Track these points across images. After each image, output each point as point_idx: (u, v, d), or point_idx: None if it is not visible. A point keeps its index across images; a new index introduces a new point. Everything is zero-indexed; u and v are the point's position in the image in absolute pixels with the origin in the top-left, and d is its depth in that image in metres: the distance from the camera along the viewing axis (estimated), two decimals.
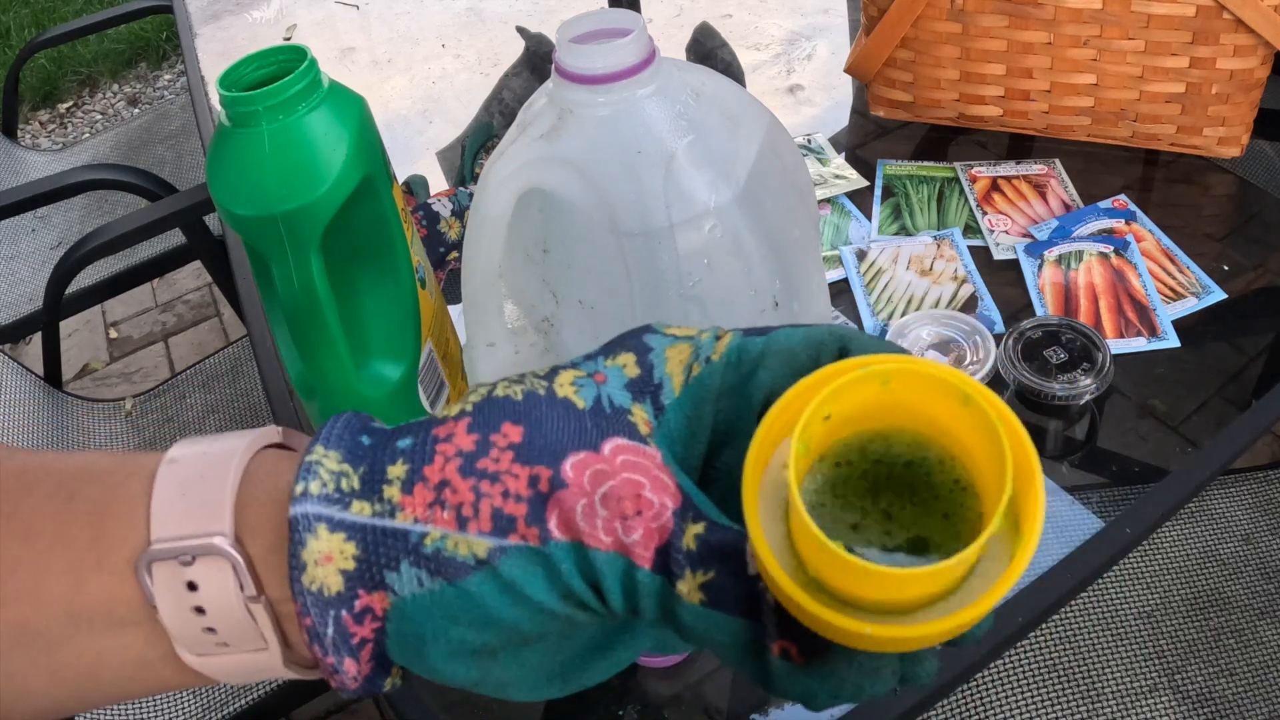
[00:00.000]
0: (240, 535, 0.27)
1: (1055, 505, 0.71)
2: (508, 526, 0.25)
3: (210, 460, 0.27)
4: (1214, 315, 0.82)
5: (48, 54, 2.98)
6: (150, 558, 0.26)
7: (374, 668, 0.27)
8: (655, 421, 0.26)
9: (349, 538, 0.26)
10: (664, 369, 0.27)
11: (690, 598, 0.25)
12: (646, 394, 0.27)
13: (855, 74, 1.04)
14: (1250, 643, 0.98)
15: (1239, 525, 1.08)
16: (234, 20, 1.42)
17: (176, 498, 0.27)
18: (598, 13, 0.53)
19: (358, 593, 0.26)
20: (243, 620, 0.27)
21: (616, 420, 0.26)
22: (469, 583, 0.25)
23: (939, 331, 0.78)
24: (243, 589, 0.26)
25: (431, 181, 1.00)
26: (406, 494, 0.26)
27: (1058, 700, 0.93)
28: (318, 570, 0.26)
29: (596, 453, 0.25)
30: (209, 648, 0.27)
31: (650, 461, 0.25)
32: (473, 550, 0.25)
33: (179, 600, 0.26)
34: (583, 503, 0.25)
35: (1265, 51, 0.87)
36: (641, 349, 0.27)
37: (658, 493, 0.25)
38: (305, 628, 0.26)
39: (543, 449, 0.25)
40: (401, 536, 0.25)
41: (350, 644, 0.26)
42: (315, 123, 0.56)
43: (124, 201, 1.73)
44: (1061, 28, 0.90)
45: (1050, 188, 0.96)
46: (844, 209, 0.96)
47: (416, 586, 0.25)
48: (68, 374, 2.07)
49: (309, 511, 0.26)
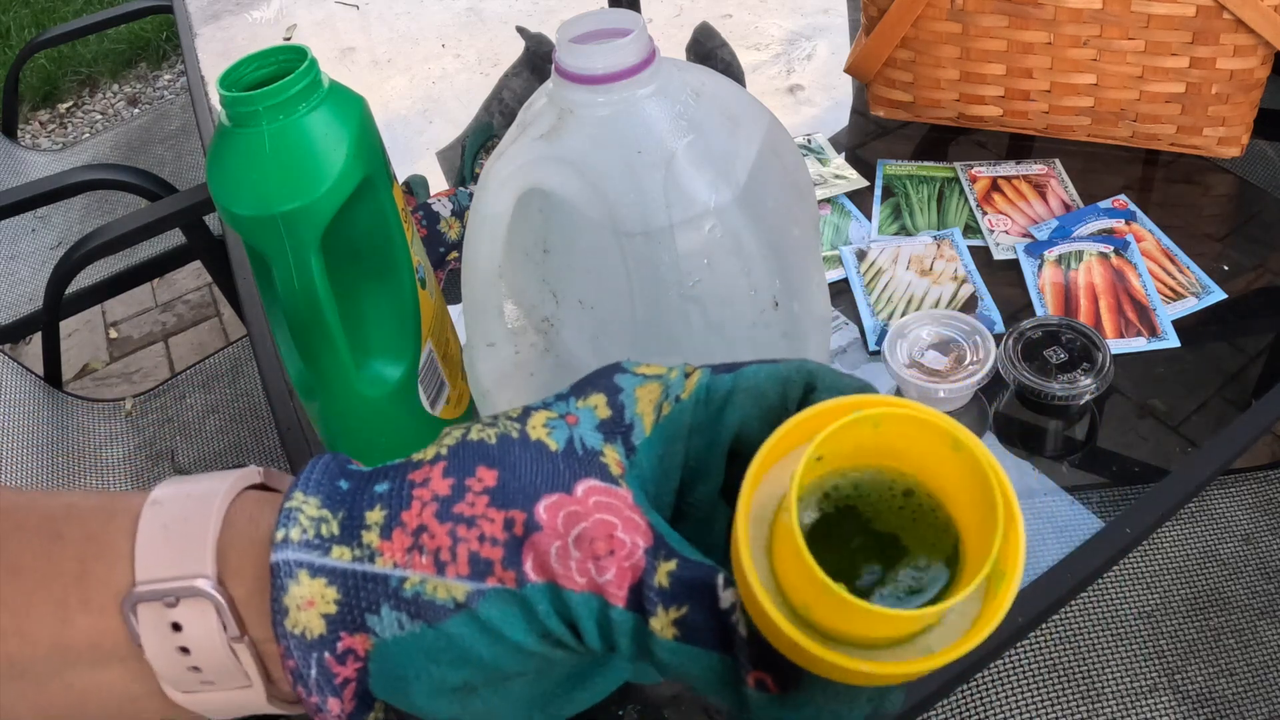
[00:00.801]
0: (223, 577, 0.27)
1: (1055, 505, 0.71)
2: (485, 570, 0.25)
3: (193, 502, 0.28)
4: (1214, 315, 0.82)
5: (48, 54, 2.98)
6: (135, 599, 0.27)
7: (357, 705, 0.28)
8: (627, 462, 0.27)
9: (330, 582, 0.26)
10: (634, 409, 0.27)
11: (664, 634, 0.25)
12: (618, 434, 0.27)
13: (855, 74, 1.04)
14: (1250, 643, 0.98)
15: (1239, 525, 1.08)
16: (234, 20, 1.42)
17: (159, 539, 0.27)
18: (598, 13, 0.53)
19: (340, 635, 0.26)
20: (226, 660, 0.27)
21: (589, 462, 0.26)
22: (449, 625, 0.26)
23: (939, 331, 0.78)
24: (226, 630, 0.27)
25: (431, 181, 1.00)
26: (385, 539, 0.26)
27: (1058, 700, 0.93)
28: (300, 615, 0.26)
29: (569, 494, 0.26)
30: (194, 685, 0.28)
31: (622, 502, 0.26)
32: (451, 594, 0.26)
33: (164, 640, 0.27)
34: (557, 545, 0.25)
35: (1265, 51, 0.87)
36: (612, 389, 0.28)
37: (629, 532, 0.25)
38: (289, 669, 0.27)
39: (517, 492, 0.26)
40: (381, 581, 0.26)
41: (333, 684, 0.27)
42: (315, 123, 0.56)
43: (124, 201, 1.73)
44: (1061, 28, 0.91)
45: (1050, 188, 0.96)
46: (844, 209, 0.96)
47: (397, 629, 0.26)
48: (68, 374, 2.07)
49: (290, 558, 0.26)
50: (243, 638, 0.27)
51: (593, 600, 0.25)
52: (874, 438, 0.27)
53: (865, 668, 0.24)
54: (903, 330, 0.78)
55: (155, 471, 1.34)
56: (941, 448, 0.26)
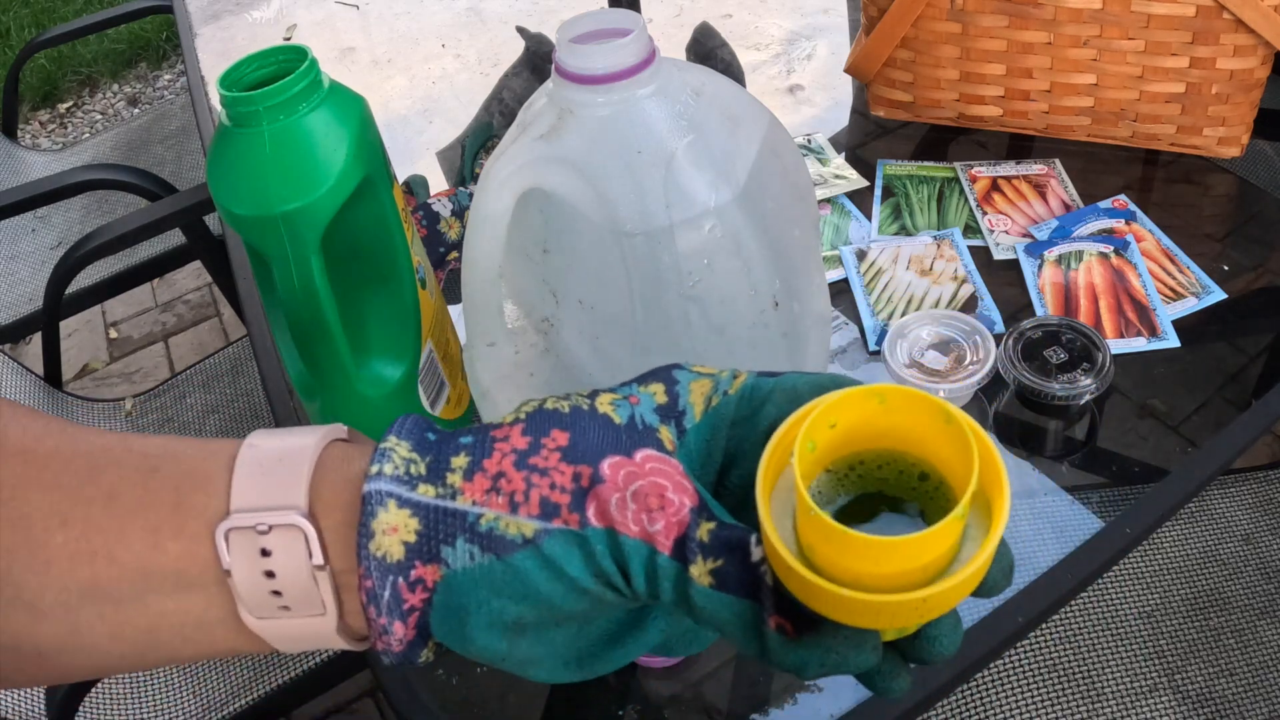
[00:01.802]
0: (313, 510, 0.30)
1: (1055, 505, 0.71)
2: (553, 512, 0.29)
3: (288, 447, 0.31)
4: (1214, 315, 0.82)
5: (48, 54, 2.98)
6: (230, 525, 0.30)
7: (416, 636, 0.30)
8: (678, 441, 0.31)
9: (414, 514, 0.30)
10: (688, 398, 0.31)
11: (701, 580, 0.29)
12: (672, 418, 0.31)
13: (855, 74, 1.04)
14: (1250, 643, 0.98)
15: (1239, 525, 1.08)
16: (234, 20, 1.42)
17: (256, 474, 0.30)
18: (598, 13, 0.53)
19: (415, 563, 0.29)
20: (307, 586, 0.30)
21: (647, 435, 0.30)
22: (516, 558, 0.29)
23: (939, 331, 0.78)
24: (311, 557, 0.30)
25: (431, 181, 1.00)
26: (467, 481, 0.30)
27: (1058, 700, 0.93)
28: (384, 539, 0.29)
29: (629, 458, 0.30)
30: (272, 611, 0.30)
31: (674, 470, 0.30)
32: (521, 530, 0.29)
33: (252, 565, 0.30)
34: (616, 496, 0.29)
35: (1265, 51, 0.87)
36: (670, 380, 0.32)
37: (678, 494, 0.29)
38: (365, 589, 0.29)
39: (585, 451, 0.30)
40: (460, 516, 0.29)
41: (401, 609, 0.30)
42: (316, 123, 0.56)
43: (124, 201, 1.73)
44: (1061, 28, 0.91)
45: (1050, 188, 0.96)
46: (844, 209, 0.96)
47: (468, 561, 0.29)
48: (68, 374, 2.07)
49: (382, 489, 0.30)
50: (325, 566, 0.30)
51: (643, 547, 0.29)
52: (883, 416, 0.30)
53: (864, 596, 0.27)
54: (903, 330, 0.78)
55: None
56: (936, 422, 0.29)
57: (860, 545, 0.27)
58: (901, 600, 0.27)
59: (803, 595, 0.28)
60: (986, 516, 0.29)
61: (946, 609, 0.29)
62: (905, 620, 0.29)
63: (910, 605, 0.27)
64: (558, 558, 0.29)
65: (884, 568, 0.27)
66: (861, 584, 0.27)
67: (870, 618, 0.28)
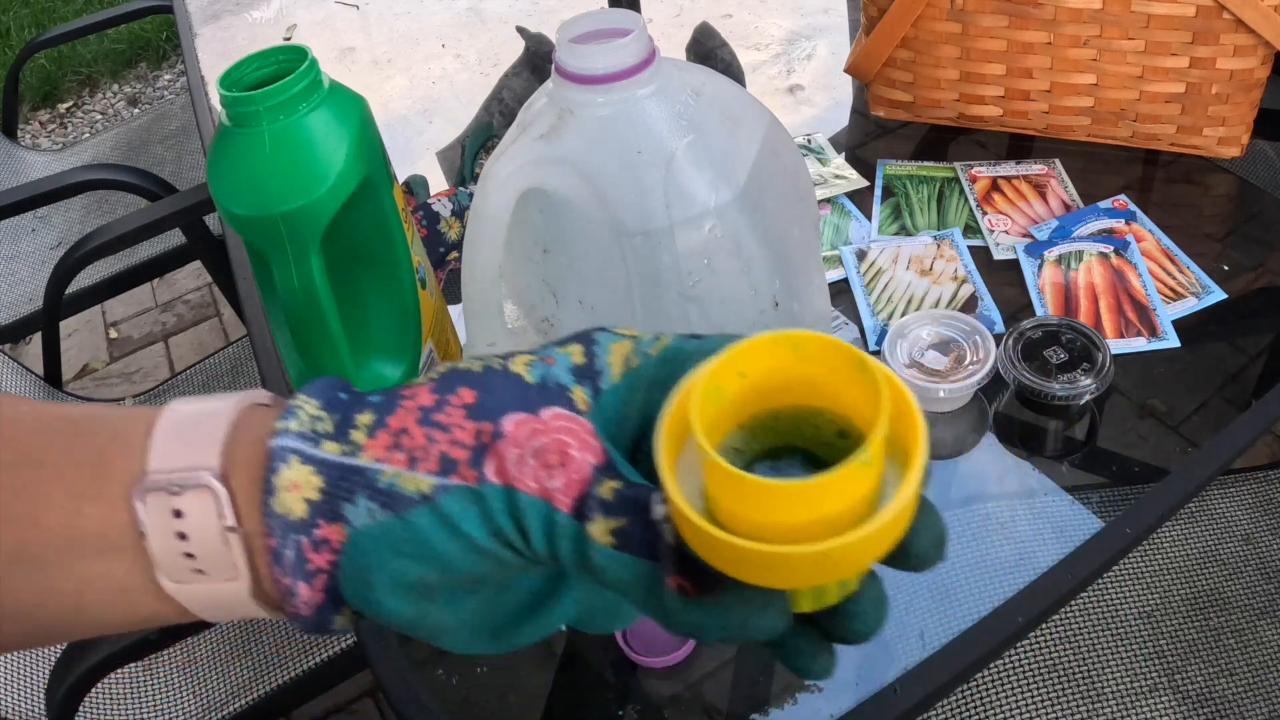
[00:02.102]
0: (226, 471, 0.30)
1: (1055, 505, 0.71)
2: (451, 468, 0.29)
3: (206, 410, 0.31)
4: (1214, 315, 0.82)
5: (48, 54, 2.98)
6: (144, 487, 0.30)
7: (325, 600, 0.30)
8: (593, 402, 0.30)
9: (316, 471, 0.29)
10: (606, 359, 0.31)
11: (601, 539, 0.28)
12: (587, 379, 0.30)
13: (855, 74, 1.04)
14: (1250, 643, 0.98)
15: (1239, 525, 1.08)
16: (234, 20, 1.42)
17: (173, 436, 0.30)
18: (598, 13, 0.53)
19: (318, 522, 0.29)
20: (219, 549, 0.30)
21: (558, 394, 0.30)
22: (413, 515, 0.28)
23: (939, 331, 0.78)
24: (222, 519, 0.29)
25: (431, 181, 1.00)
26: (370, 438, 0.30)
27: (1058, 700, 0.93)
28: (286, 496, 0.29)
29: (535, 415, 0.29)
30: (187, 575, 0.30)
31: (582, 428, 0.29)
32: (418, 486, 0.29)
33: (165, 526, 0.30)
34: (516, 453, 0.28)
35: (1265, 51, 0.87)
36: (589, 342, 0.31)
37: (582, 451, 0.28)
38: (269, 549, 0.29)
39: (490, 408, 0.29)
40: (361, 473, 0.29)
41: (306, 569, 0.29)
42: (316, 123, 0.56)
43: (124, 201, 1.73)
44: (1061, 28, 0.91)
45: (1050, 188, 0.96)
46: (844, 209, 0.96)
47: (369, 519, 0.29)
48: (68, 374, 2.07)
49: (286, 445, 0.29)
50: (237, 528, 0.30)
51: (541, 504, 0.28)
52: (798, 366, 0.28)
53: (759, 546, 0.25)
54: (903, 330, 0.78)
55: None
56: (852, 371, 0.28)
57: (756, 491, 0.25)
58: (799, 553, 0.25)
59: (702, 550, 0.27)
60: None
61: (855, 568, 0.27)
62: (810, 577, 0.27)
63: (811, 560, 0.25)
64: (454, 515, 0.28)
65: (784, 516, 0.25)
66: (764, 538, 0.25)
67: (771, 573, 0.26)
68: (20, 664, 1.05)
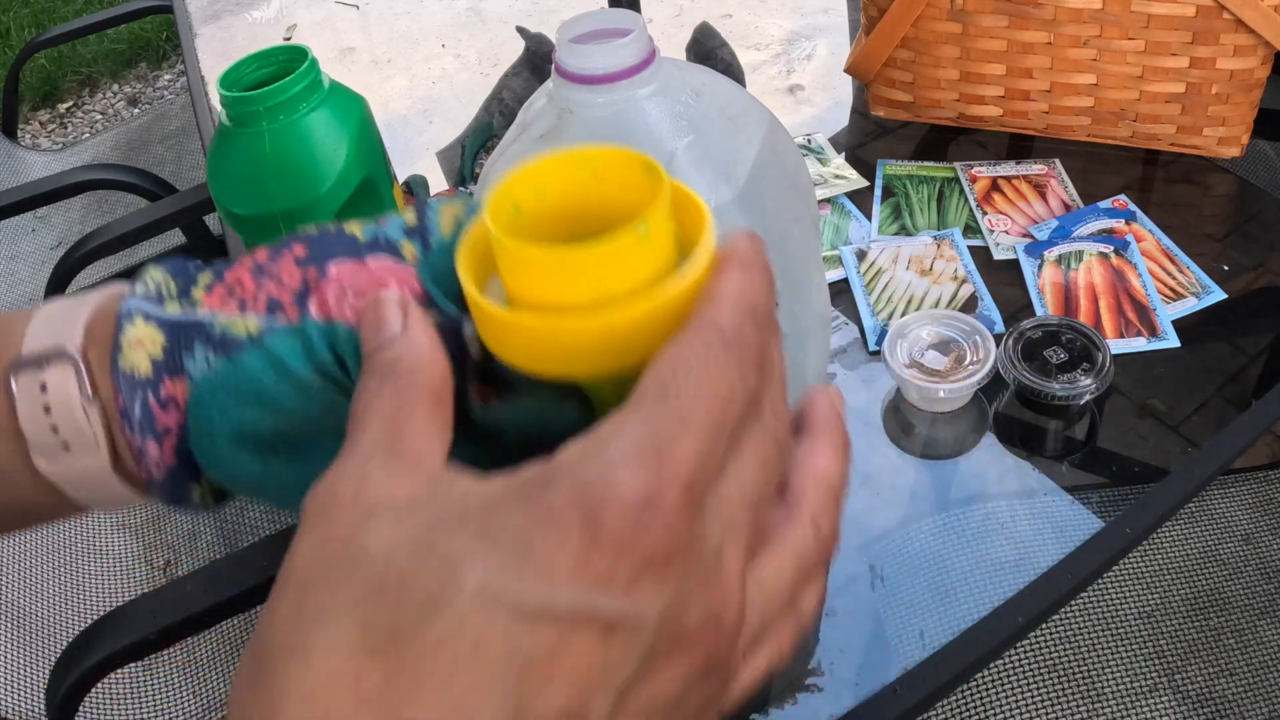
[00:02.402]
0: (85, 346, 0.31)
1: (1055, 505, 0.71)
2: (277, 308, 0.30)
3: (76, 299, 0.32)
4: (1214, 315, 0.82)
5: (48, 54, 2.98)
6: (15, 367, 0.31)
7: (178, 465, 0.31)
8: (421, 257, 0.31)
9: (159, 328, 0.30)
10: (436, 220, 0.31)
11: None
12: (417, 236, 0.31)
13: (855, 74, 1.04)
14: (1250, 643, 0.98)
15: (1239, 525, 1.08)
16: (234, 20, 1.42)
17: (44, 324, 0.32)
18: (598, 13, 0.53)
19: (163, 378, 0.30)
20: (80, 420, 0.30)
21: (386, 246, 0.31)
22: (243, 357, 0.29)
23: (939, 331, 0.78)
24: (81, 389, 0.30)
25: (431, 181, 1.00)
26: (208, 293, 0.31)
27: (1058, 700, 0.93)
28: (131, 354, 0.30)
29: (360, 261, 0.30)
30: (56, 452, 0.31)
31: (405, 273, 0.30)
32: (247, 329, 0.30)
33: (32, 401, 0.31)
34: (338, 290, 0.30)
35: (1265, 51, 0.87)
36: (423, 206, 0.32)
37: (402, 287, 0.29)
38: (119, 409, 0.30)
39: (318, 258, 0.31)
40: (199, 325, 0.30)
41: (154, 428, 0.30)
42: (316, 123, 0.56)
43: (124, 201, 1.73)
44: (1061, 28, 0.91)
45: (1050, 188, 0.96)
46: (844, 209, 0.96)
47: (206, 367, 0.30)
48: None
49: (132, 306, 0.31)
50: (94, 399, 0.30)
51: (358, 334, 0.28)
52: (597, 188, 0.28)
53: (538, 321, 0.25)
54: (903, 330, 0.78)
55: None
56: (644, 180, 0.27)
57: (539, 263, 0.25)
58: (579, 326, 0.24)
59: (495, 343, 0.27)
60: None
61: (643, 349, 0.24)
62: (600, 359, 0.25)
63: (594, 334, 0.24)
64: (279, 352, 0.29)
65: (570, 293, 0.25)
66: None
67: (562, 355, 0.25)
68: (20, 664, 1.05)
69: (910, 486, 0.74)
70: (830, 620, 0.67)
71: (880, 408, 0.79)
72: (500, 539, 0.20)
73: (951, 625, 0.65)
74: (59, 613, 1.12)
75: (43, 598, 1.12)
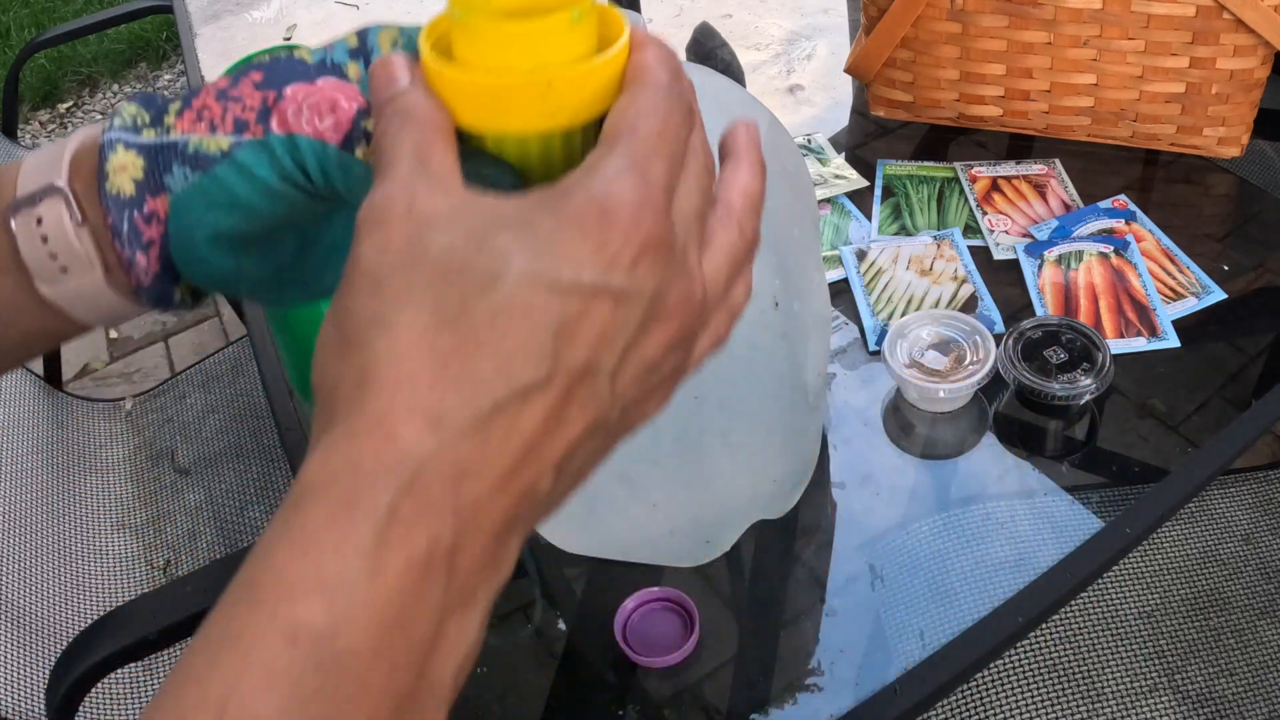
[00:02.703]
0: (71, 179, 0.35)
1: (1055, 505, 0.71)
2: (243, 127, 0.34)
3: (59, 143, 0.36)
4: (1214, 315, 0.82)
5: (48, 54, 2.98)
6: (13, 208, 0.35)
7: (161, 270, 0.35)
8: (363, 73, 0.35)
9: (139, 154, 0.34)
10: (376, 41, 0.35)
11: (366, 159, 0.33)
12: (360, 55, 0.35)
13: (855, 74, 1.04)
14: (1250, 643, 0.98)
15: (1239, 525, 1.08)
16: (234, 20, 1.42)
17: (33, 168, 0.35)
18: None
19: (145, 197, 0.34)
20: (74, 244, 0.34)
21: (333, 69, 0.35)
22: (217, 170, 0.34)
23: (939, 331, 0.78)
24: (71, 217, 0.34)
25: None
26: (178, 119, 0.35)
27: (1058, 700, 0.93)
28: (116, 178, 0.34)
29: (312, 83, 0.34)
30: (55, 275, 0.35)
31: (350, 88, 0.34)
32: (219, 146, 0.34)
33: (31, 235, 0.34)
34: (294, 107, 0.34)
35: (1265, 51, 0.87)
36: (363, 32, 0.36)
37: (349, 101, 0.34)
38: (109, 227, 0.34)
39: (274, 81, 0.34)
40: (174, 147, 0.34)
41: (141, 240, 0.34)
42: None
43: None
44: (1061, 28, 0.91)
45: (1050, 188, 0.96)
46: (844, 209, 0.96)
47: (184, 182, 0.34)
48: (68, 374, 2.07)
49: (112, 138, 0.34)
50: (84, 223, 0.34)
51: (315, 142, 0.33)
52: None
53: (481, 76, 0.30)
54: (903, 330, 0.78)
55: (155, 471, 1.34)
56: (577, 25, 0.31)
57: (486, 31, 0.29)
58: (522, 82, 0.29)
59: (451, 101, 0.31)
60: None
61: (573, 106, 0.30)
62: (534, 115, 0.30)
63: (533, 87, 0.29)
64: (248, 163, 0.34)
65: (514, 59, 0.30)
66: None
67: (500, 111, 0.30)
68: (20, 664, 1.05)
69: (910, 486, 0.74)
70: (830, 620, 0.67)
71: (880, 408, 0.79)
72: (537, 235, 0.26)
73: (951, 625, 0.65)
74: (59, 613, 1.12)
75: (43, 598, 1.12)
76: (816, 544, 0.71)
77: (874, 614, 0.67)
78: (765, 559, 0.71)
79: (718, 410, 0.62)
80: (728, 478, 0.66)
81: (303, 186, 0.34)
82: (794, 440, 0.69)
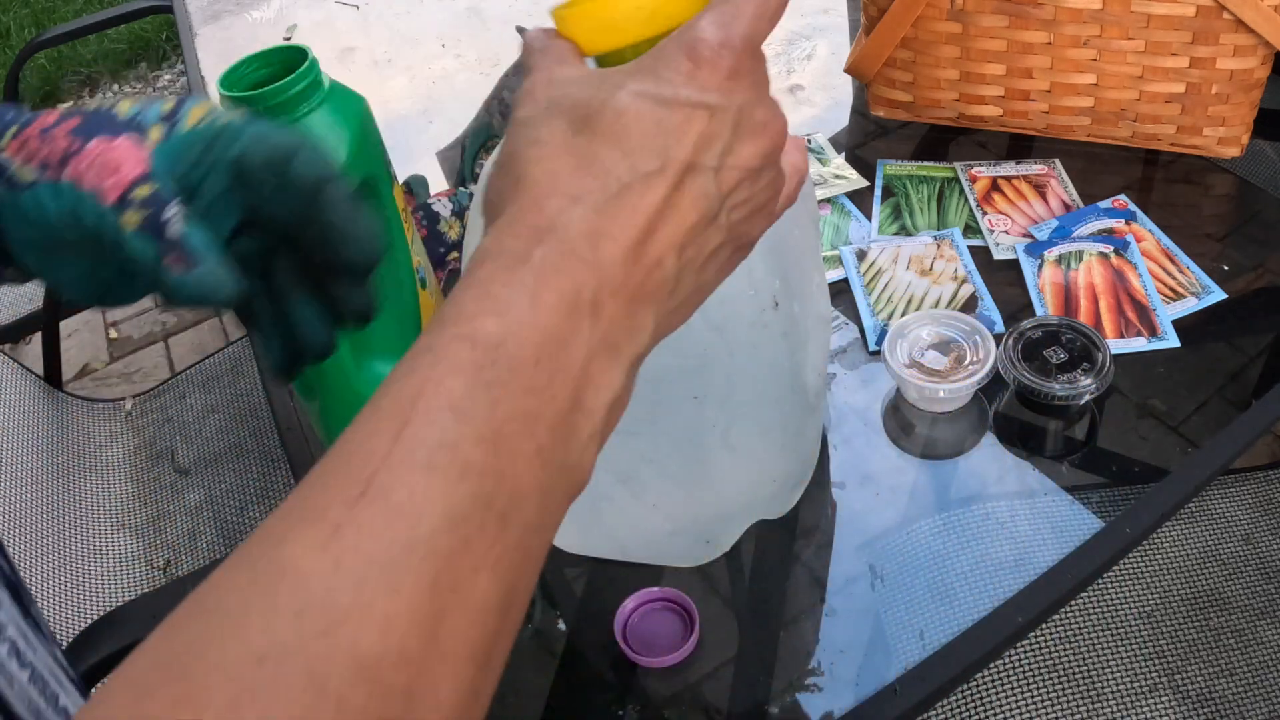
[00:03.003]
0: None
1: (1055, 505, 0.71)
2: (46, 167, 0.40)
3: None
4: (1214, 315, 0.82)
5: (48, 54, 2.98)
6: None
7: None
8: (164, 139, 0.41)
9: None
10: (186, 113, 0.42)
11: (128, 225, 0.40)
12: (168, 122, 0.42)
13: (855, 74, 1.04)
14: (1250, 643, 0.98)
15: (1239, 525, 1.08)
16: (234, 20, 1.42)
17: None
18: None
19: None
20: None
21: (137, 128, 0.41)
22: (23, 195, 0.41)
23: (939, 331, 0.78)
24: None
25: (431, 181, 1.00)
26: (13, 140, 0.41)
27: (1058, 700, 0.93)
28: None
29: (113, 139, 0.40)
30: None
31: (142, 152, 0.40)
32: (29, 177, 0.41)
33: None
34: (88, 162, 0.40)
35: (1265, 51, 0.87)
36: (183, 100, 0.43)
37: (134, 167, 0.40)
38: None
39: (86, 131, 0.41)
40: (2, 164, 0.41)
41: None
42: (316, 123, 0.56)
43: None
44: (1061, 28, 0.91)
45: (1050, 188, 0.96)
46: (844, 209, 0.96)
47: (6, 193, 0.41)
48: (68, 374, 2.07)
49: None
50: None
51: (92, 196, 0.40)
52: None
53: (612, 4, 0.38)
54: (903, 330, 0.78)
55: (155, 471, 1.34)
56: None
57: None
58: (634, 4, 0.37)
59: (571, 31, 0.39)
60: None
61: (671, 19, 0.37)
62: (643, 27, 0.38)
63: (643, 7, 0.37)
64: (42, 199, 0.40)
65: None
66: None
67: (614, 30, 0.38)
68: None
69: (910, 486, 0.74)
70: (830, 620, 0.67)
71: (880, 408, 0.79)
72: (643, 70, 0.35)
73: (951, 625, 0.65)
74: (59, 613, 1.12)
75: (43, 598, 1.12)
76: (816, 544, 0.71)
77: (874, 614, 0.67)
78: (765, 559, 0.71)
79: (718, 410, 0.62)
80: (728, 478, 0.66)
81: (76, 228, 0.41)
82: (794, 440, 0.69)
